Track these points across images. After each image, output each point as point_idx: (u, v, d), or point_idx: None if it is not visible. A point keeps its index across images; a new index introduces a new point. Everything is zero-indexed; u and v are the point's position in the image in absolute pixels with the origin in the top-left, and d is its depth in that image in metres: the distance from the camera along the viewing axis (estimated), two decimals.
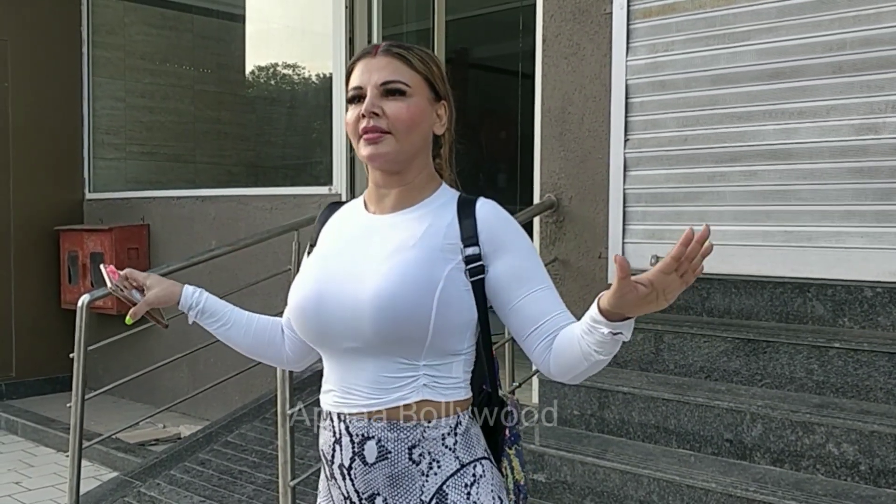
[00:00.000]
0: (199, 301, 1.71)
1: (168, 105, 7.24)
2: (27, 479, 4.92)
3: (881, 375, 3.02)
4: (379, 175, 1.57)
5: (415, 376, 1.48)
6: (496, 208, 1.55)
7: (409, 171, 1.55)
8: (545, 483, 3.24)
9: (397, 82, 1.51)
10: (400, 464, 1.48)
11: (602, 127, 4.08)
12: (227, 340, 1.74)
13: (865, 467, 2.78)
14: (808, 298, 3.45)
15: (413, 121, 1.51)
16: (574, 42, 4.18)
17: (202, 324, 1.72)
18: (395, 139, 1.50)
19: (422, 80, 1.54)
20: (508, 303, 1.50)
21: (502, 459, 1.60)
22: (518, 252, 1.51)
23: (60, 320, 6.85)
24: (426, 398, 1.48)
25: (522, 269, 1.50)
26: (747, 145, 3.66)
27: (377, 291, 1.44)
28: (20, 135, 6.84)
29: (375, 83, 1.51)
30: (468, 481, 1.49)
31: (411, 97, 1.51)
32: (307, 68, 6.41)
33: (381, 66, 1.52)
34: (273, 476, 3.91)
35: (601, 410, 3.40)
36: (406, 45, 1.56)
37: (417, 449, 1.48)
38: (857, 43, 3.38)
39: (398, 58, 1.52)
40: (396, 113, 1.50)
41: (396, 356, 1.47)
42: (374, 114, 1.50)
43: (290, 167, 6.63)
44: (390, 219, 1.55)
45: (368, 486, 1.51)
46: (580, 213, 4.18)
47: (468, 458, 1.51)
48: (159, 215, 6.60)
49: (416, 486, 1.48)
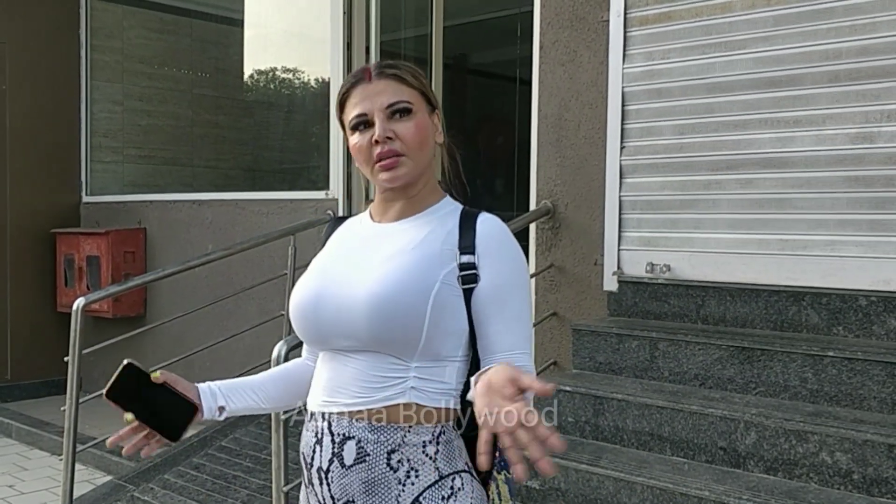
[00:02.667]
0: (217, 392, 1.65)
1: (166, 109, 7.24)
2: (21, 483, 4.91)
3: (875, 384, 3.03)
4: (388, 190, 1.59)
5: (404, 378, 1.48)
6: (499, 225, 1.56)
7: (417, 183, 1.58)
8: (539, 490, 3.24)
9: (402, 102, 1.54)
10: (377, 468, 1.47)
11: (598, 134, 4.09)
12: (268, 403, 1.70)
13: (859, 476, 2.79)
14: (802, 307, 3.46)
15: (423, 137, 1.55)
16: (571, 49, 4.19)
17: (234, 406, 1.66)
18: (409, 160, 1.53)
19: (419, 94, 1.57)
20: (480, 323, 1.50)
21: (489, 483, 1.58)
22: (504, 275, 1.51)
23: (56, 323, 6.85)
24: (412, 401, 1.48)
25: (501, 295, 1.50)
26: (743, 153, 3.66)
27: (373, 292, 1.46)
28: (17, 137, 6.84)
29: (381, 107, 1.53)
30: (445, 494, 1.48)
31: (416, 114, 1.54)
32: (305, 73, 6.42)
33: (379, 89, 1.54)
34: (267, 481, 3.90)
35: (595, 417, 3.40)
36: (394, 64, 1.58)
37: (396, 454, 1.47)
38: (853, 52, 3.39)
39: (394, 78, 1.55)
40: (407, 133, 1.53)
41: (389, 356, 1.48)
42: (388, 138, 1.52)
43: (287, 171, 6.64)
44: (393, 226, 1.58)
45: (344, 492, 1.50)
46: (576, 220, 4.18)
47: (448, 469, 1.49)
48: (156, 219, 6.60)
49: (392, 494, 1.47)
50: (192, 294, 5.84)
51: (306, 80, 6.44)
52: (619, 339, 3.61)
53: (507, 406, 1.18)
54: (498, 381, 1.24)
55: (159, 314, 6.11)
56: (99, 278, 6.59)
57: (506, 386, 1.22)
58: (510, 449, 1.16)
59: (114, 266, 6.53)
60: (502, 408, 1.18)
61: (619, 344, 3.62)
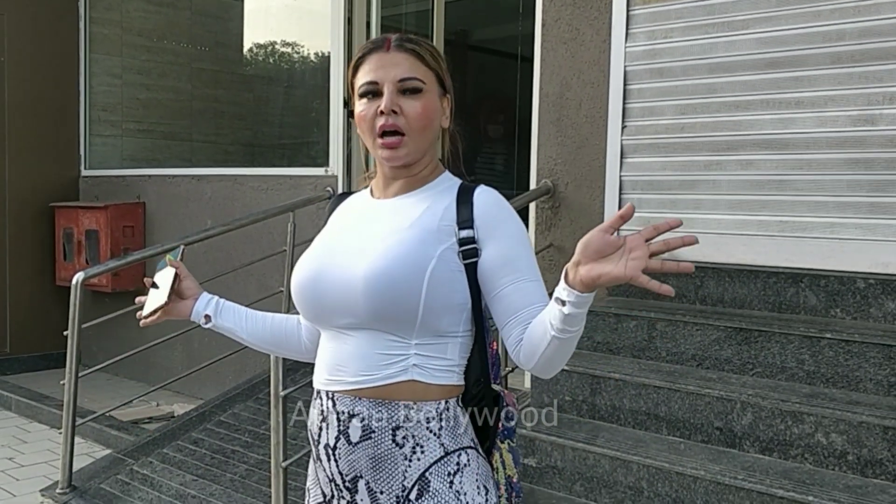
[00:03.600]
0: (214, 302, 1.75)
1: (165, 83, 7.20)
2: (20, 455, 4.94)
3: (871, 366, 3.04)
4: (388, 167, 1.59)
5: (405, 356, 1.48)
6: (495, 196, 1.56)
7: (419, 164, 1.57)
8: (535, 468, 3.26)
9: (415, 79, 1.52)
10: (383, 445, 1.49)
11: (600, 113, 4.07)
12: (249, 336, 1.76)
13: (853, 457, 2.81)
14: (801, 288, 3.46)
15: (428, 119, 1.53)
16: (573, 27, 4.16)
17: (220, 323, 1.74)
18: (410, 140, 1.52)
19: (433, 76, 1.55)
20: (493, 290, 1.50)
21: (493, 452, 1.60)
22: (509, 240, 1.51)
23: (55, 297, 6.86)
24: (414, 379, 1.49)
25: (511, 258, 1.50)
26: (744, 134, 3.66)
27: (369, 269, 1.46)
28: (16, 110, 6.81)
29: (393, 79, 1.52)
30: (451, 469, 1.49)
31: (425, 94, 1.53)
32: (305, 48, 6.38)
33: (396, 62, 1.52)
34: (265, 456, 3.93)
35: (593, 397, 3.42)
36: (416, 40, 1.56)
37: (401, 431, 1.49)
38: (856, 33, 3.37)
39: (413, 54, 1.53)
40: (412, 112, 1.51)
41: (388, 333, 1.48)
42: (394, 111, 1.51)
43: (286, 147, 6.62)
44: (392, 203, 1.58)
45: (352, 468, 1.52)
46: (576, 200, 4.18)
47: (453, 445, 1.51)
48: (155, 193, 6.59)
49: (399, 470, 1.49)
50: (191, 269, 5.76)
51: (306, 55, 6.40)
52: (618, 319, 3.62)
53: (623, 249, 1.28)
54: (599, 244, 1.29)
55: None
56: (98, 252, 6.59)
57: (607, 239, 1.29)
58: (663, 265, 1.26)
59: (113, 240, 6.53)
60: (627, 255, 1.28)
61: (617, 324, 3.63)
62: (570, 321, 1.35)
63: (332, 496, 1.58)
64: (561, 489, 3.20)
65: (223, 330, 1.74)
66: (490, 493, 1.54)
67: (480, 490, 1.52)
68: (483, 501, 1.51)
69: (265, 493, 3.69)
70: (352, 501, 1.54)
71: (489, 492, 1.54)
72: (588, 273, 1.29)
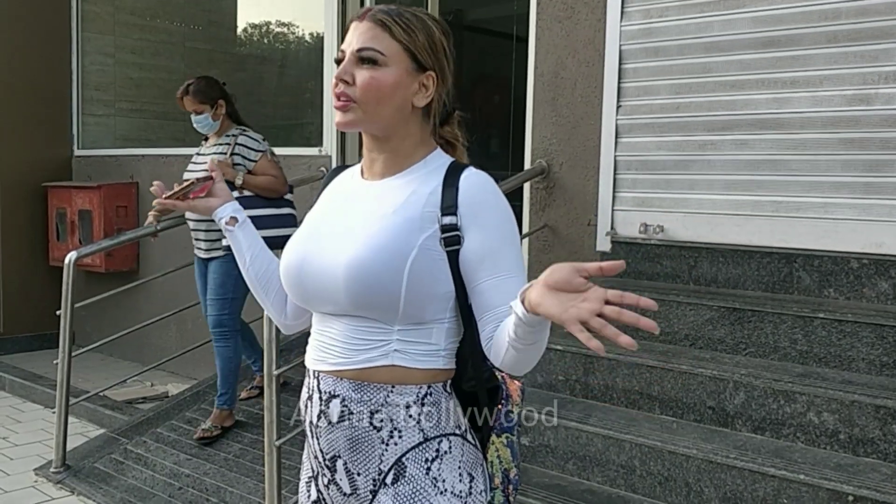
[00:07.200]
0: (243, 214, 1.71)
1: (158, 62, 7.15)
2: (14, 435, 4.94)
3: (864, 346, 3.05)
4: (366, 137, 1.56)
5: (386, 341, 1.47)
6: (483, 181, 1.50)
7: (392, 138, 1.53)
8: (528, 447, 3.27)
9: (371, 50, 1.47)
10: (360, 427, 1.48)
11: (595, 93, 4.06)
12: (252, 262, 1.70)
13: (845, 436, 2.82)
14: (794, 269, 3.47)
15: (381, 92, 1.47)
16: (568, 5, 4.13)
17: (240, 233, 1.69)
18: (360, 109, 1.48)
19: (401, 49, 1.49)
20: (472, 282, 1.46)
21: (488, 446, 1.58)
22: (492, 231, 1.46)
23: (48, 277, 6.84)
24: (395, 363, 1.47)
25: (491, 251, 1.44)
26: (739, 114, 3.64)
27: (350, 259, 1.44)
28: (7, 90, 6.75)
29: (353, 49, 1.49)
30: (430, 456, 1.47)
31: (385, 67, 1.48)
32: (299, 28, 6.34)
33: (361, 31, 1.49)
34: (259, 435, 3.93)
35: (586, 376, 3.42)
36: (395, 12, 1.51)
37: (379, 414, 1.47)
38: (852, 13, 3.35)
39: (380, 25, 1.49)
40: (363, 83, 1.47)
41: (370, 320, 1.47)
42: (345, 81, 1.48)
43: (280, 127, 6.57)
44: (378, 186, 1.54)
45: (331, 447, 1.52)
46: (570, 180, 4.17)
47: (434, 432, 1.49)
48: (148, 173, 6.55)
49: (376, 453, 1.48)
50: (184, 249, 5.80)
51: (300, 34, 6.36)
52: None
53: (583, 295, 1.20)
54: (562, 277, 1.22)
55: (152, 269, 6.10)
56: (91, 233, 6.56)
57: (572, 277, 1.21)
58: (604, 328, 1.18)
59: (106, 220, 6.50)
60: (579, 300, 1.20)
61: None
62: (525, 335, 1.32)
63: (318, 473, 1.59)
64: (554, 468, 3.21)
65: (237, 242, 1.69)
66: (476, 481, 1.51)
67: (463, 478, 1.49)
68: (466, 489, 1.49)
69: (258, 471, 3.69)
70: (332, 480, 1.54)
71: (474, 479, 1.51)
72: (536, 297, 1.24)
